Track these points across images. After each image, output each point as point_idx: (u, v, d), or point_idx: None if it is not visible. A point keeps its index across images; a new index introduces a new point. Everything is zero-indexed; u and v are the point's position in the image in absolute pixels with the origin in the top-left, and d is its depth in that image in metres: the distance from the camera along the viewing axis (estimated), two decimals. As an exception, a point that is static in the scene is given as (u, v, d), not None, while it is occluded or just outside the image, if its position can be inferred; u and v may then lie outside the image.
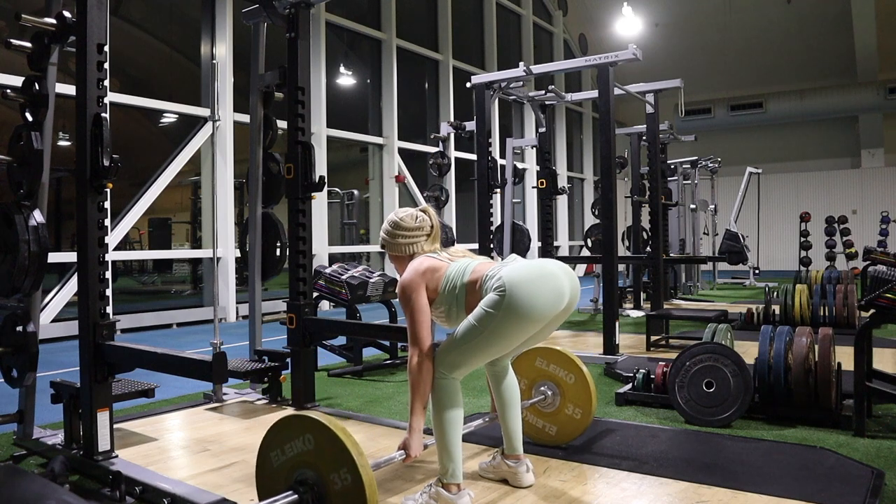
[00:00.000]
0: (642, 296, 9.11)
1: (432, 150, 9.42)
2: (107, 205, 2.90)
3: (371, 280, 5.53)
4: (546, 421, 3.12)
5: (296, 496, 1.97)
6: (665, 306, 7.57)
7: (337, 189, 11.58)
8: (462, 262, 2.49)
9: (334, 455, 1.93)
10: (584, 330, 7.25)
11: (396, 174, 12.06)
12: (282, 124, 4.07)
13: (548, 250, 6.93)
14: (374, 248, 12.16)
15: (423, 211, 2.62)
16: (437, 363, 2.37)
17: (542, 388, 3.10)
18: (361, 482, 1.87)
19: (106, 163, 2.77)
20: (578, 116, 19.75)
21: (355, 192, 11.72)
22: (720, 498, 2.51)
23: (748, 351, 4.37)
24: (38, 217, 2.90)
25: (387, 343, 5.53)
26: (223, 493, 2.55)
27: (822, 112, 17.66)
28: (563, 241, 17.73)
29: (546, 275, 2.32)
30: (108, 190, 2.84)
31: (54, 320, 7.25)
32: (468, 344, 2.31)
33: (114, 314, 5.26)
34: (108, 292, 3.01)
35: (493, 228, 6.35)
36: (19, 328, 3.00)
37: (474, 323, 2.30)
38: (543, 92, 6.98)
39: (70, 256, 7.21)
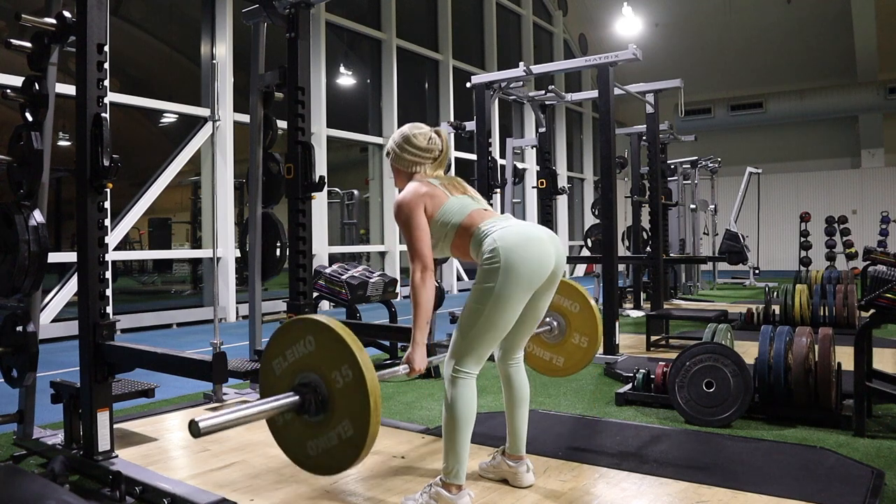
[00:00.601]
0: (642, 296, 9.10)
1: (432, 150, 9.41)
2: (107, 205, 2.90)
3: (371, 280, 5.53)
4: (553, 353, 3.10)
5: (297, 397, 1.97)
6: (665, 306, 7.57)
7: (337, 189, 11.57)
8: (461, 200, 2.47)
9: (335, 353, 1.93)
10: (584, 330, 7.23)
11: (396, 174, 12.04)
12: (282, 124, 4.07)
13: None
14: (375, 248, 12.16)
15: (437, 133, 2.58)
16: (450, 359, 2.36)
17: (548, 319, 3.09)
18: (363, 375, 1.87)
19: (106, 163, 2.77)
20: (578, 116, 19.75)
21: (355, 192, 11.72)
22: (720, 498, 2.51)
23: (748, 351, 4.37)
24: (38, 217, 2.90)
25: (387, 343, 5.53)
26: (223, 493, 2.55)
27: (822, 112, 17.65)
28: (563, 241, 17.71)
29: (533, 238, 2.34)
30: (108, 190, 2.84)
31: (54, 320, 7.25)
32: (475, 327, 2.31)
33: (114, 314, 5.26)
34: (108, 292, 3.01)
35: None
36: (19, 328, 3.00)
37: (474, 304, 2.31)
38: (543, 92, 6.98)
39: (70, 256, 7.20)
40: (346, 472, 2.80)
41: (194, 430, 1.77)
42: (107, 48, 2.86)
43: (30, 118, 3.01)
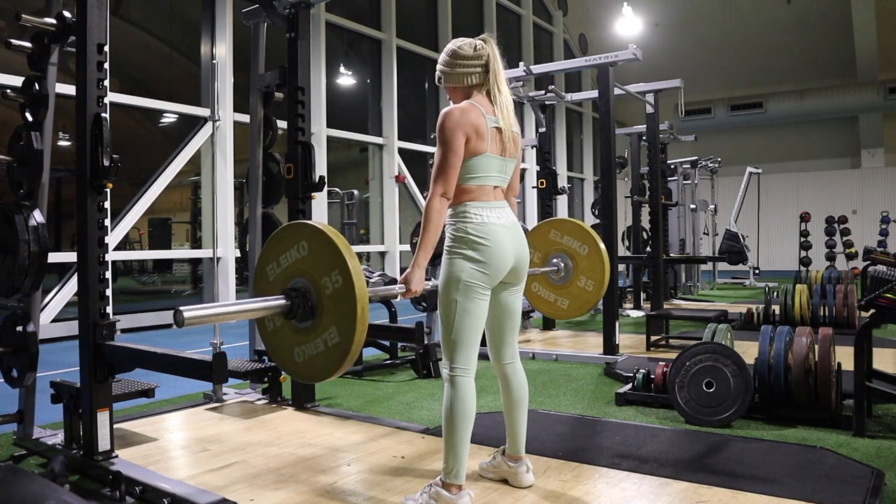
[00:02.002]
0: (642, 296, 9.11)
1: (432, 149, 9.42)
2: (107, 205, 2.90)
3: (371, 280, 5.53)
4: (558, 294, 3.09)
5: (286, 299, 1.97)
6: (665, 306, 7.57)
7: (337, 189, 11.58)
8: (491, 163, 2.40)
9: (326, 258, 1.93)
10: (584, 330, 7.25)
11: (396, 174, 12.06)
12: (282, 124, 4.07)
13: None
14: (375, 248, 12.16)
15: (483, 40, 2.49)
16: (445, 360, 2.39)
17: (555, 260, 3.07)
18: (352, 281, 1.87)
19: (106, 163, 2.78)
20: (578, 116, 19.74)
21: (355, 192, 11.72)
22: (720, 498, 2.51)
23: (748, 351, 4.37)
24: (38, 217, 2.90)
25: (387, 343, 5.53)
26: (223, 493, 2.55)
27: (822, 112, 17.65)
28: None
29: (497, 235, 2.36)
30: (108, 190, 2.84)
31: (54, 320, 7.25)
32: (454, 319, 2.34)
33: (114, 314, 5.25)
34: (108, 292, 3.01)
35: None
36: (19, 328, 3.00)
37: (444, 297, 2.36)
38: (543, 92, 6.98)
39: (70, 256, 7.20)
40: (345, 472, 2.81)
41: (178, 318, 1.78)
42: (107, 48, 2.86)
43: (30, 118, 3.01)
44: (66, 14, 2.94)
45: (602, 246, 2.96)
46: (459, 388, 2.35)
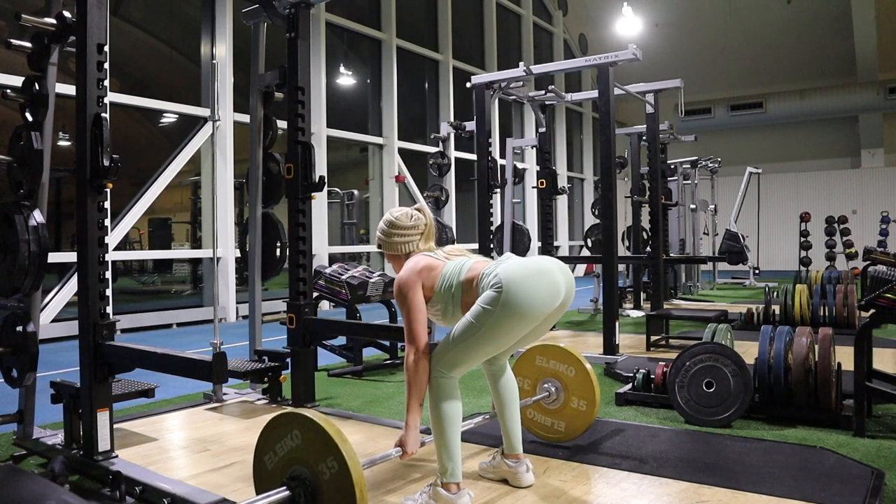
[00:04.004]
0: (642, 296, 9.11)
1: (432, 150, 9.41)
2: (107, 205, 2.90)
3: (371, 280, 5.53)
4: (554, 418, 3.12)
5: (287, 492, 2.00)
6: (665, 306, 7.56)
7: (337, 189, 11.58)
8: (458, 260, 2.50)
9: (319, 445, 1.97)
10: (584, 330, 7.25)
11: (396, 174, 12.06)
12: (282, 124, 4.07)
13: (548, 250, 6.93)
14: (374, 248, 12.13)
15: (418, 210, 2.64)
16: (434, 361, 2.38)
17: (546, 385, 3.11)
18: (347, 467, 1.90)
19: (106, 163, 2.77)
20: (578, 116, 19.74)
21: (355, 192, 11.72)
22: (720, 498, 2.51)
23: (748, 351, 4.37)
24: (38, 217, 2.90)
25: (387, 343, 5.53)
26: (223, 493, 2.55)
27: (822, 112, 17.65)
28: (563, 241, 17.73)
29: (542, 271, 2.34)
30: (108, 190, 2.84)
31: (54, 320, 7.25)
32: (466, 342, 2.32)
33: (114, 314, 5.26)
34: (108, 292, 3.01)
35: (493, 228, 6.35)
36: (19, 328, 3.00)
37: (472, 320, 2.31)
38: (543, 92, 6.98)
39: (70, 256, 7.20)
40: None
41: None
42: (107, 48, 2.86)
43: (30, 118, 3.01)
44: (66, 14, 2.94)
45: (588, 366, 3.02)
46: (443, 389, 2.37)
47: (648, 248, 8.55)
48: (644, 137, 8.44)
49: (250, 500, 1.99)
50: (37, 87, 3.03)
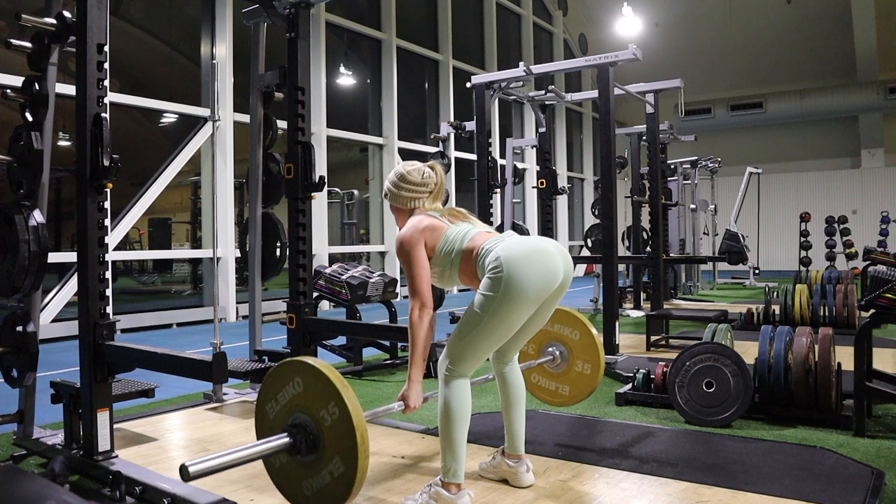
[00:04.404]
0: (642, 296, 9.11)
1: (432, 150, 9.42)
2: (107, 205, 2.90)
3: (371, 280, 5.53)
4: (558, 382, 3.12)
5: (288, 437, 2.00)
6: (665, 306, 7.56)
7: (337, 189, 11.58)
8: (462, 226, 2.50)
9: (321, 392, 1.97)
10: (584, 330, 7.23)
11: (396, 174, 12.04)
12: (282, 124, 4.07)
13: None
14: (375, 247, 12.16)
15: (431, 167, 2.62)
16: (443, 359, 2.38)
17: (550, 349, 3.11)
18: (348, 412, 1.90)
19: (106, 163, 2.77)
20: (578, 116, 19.74)
21: (355, 192, 11.72)
22: (720, 498, 2.51)
23: (748, 351, 4.37)
24: (38, 217, 2.90)
25: (387, 343, 5.53)
26: (223, 493, 2.55)
27: (822, 112, 17.65)
28: (563, 241, 17.72)
29: (539, 251, 2.34)
30: (108, 190, 2.84)
31: (54, 320, 7.25)
32: (472, 332, 2.32)
33: (114, 314, 5.26)
34: (108, 292, 3.01)
35: (493, 228, 6.34)
36: (19, 328, 3.00)
37: (475, 310, 2.32)
38: (543, 92, 6.98)
39: (70, 256, 7.20)
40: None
41: (184, 474, 1.79)
42: (107, 48, 2.86)
43: (30, 118, 3.01)
44: (66, 14, 2.94)
45: (593, 329, 3.01)
46: (455, 388, 2.35)
47: (648, 248, 8.55)
48: (644, 137, 8.44)
49: (249, 443, 1.99)
50: (37, 87, 3.03)
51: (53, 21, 2.96)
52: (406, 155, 12.44)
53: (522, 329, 2.52)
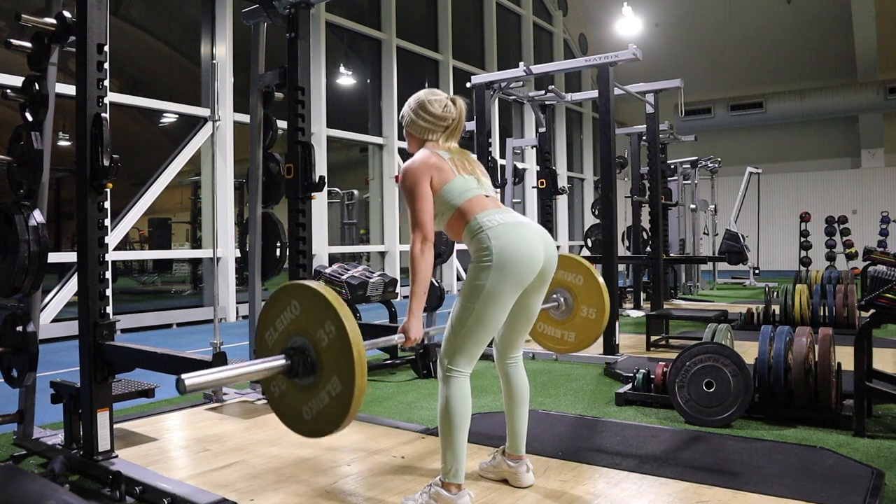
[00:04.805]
0: (642, 296, 9.11)
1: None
2: (107, 205, 2.91)
3: (371, 280, 5.53)
4: (564, 329, 3.10)
5: (285, 358, 1.99)
6: (665, 306, 7.57)
7: (337, 189, 11.58)
8: (466, 181, 2.46)
9: (318, 312, 1.96)
10: (584, 330, 7.23)
11: (396, 174, 12.04)
12: (282, 124, 4.07)
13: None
14: (374, 248, 12.16)
15: (453, 101, 2.56)
16: (441, 358, 2.38)
17: (554, 296, 3.09)
18: (344, 327, 1.89)
19: (106, 163, 2.78)
20: (578, 116, 19.74)
21: (355, 192, 11.72)
22: (720, 498, 2.51)
23: (748, 351, 4.37)
24: (38, 217, 2.90)
25: (387, 343, 5.52)
26: (223, 493, 2.55)
27: (822, 112, 17.66)
28: (563, 241, 17.73)
29: (524, 238, 2.35)
30: (108, 190, 2.84)
31: (54, 320, 7.25)
32: (465, 324, 2.32)
33: (114, 314, 5.26)
34: (108, 292, 3.01)
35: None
36: (19, 328, 3.00)
37: (464, 302, 2.33)
38: (543, 92, 6.98)
39: (70, 256, 7.20)
40: (345, 472, 2.81)
41: (181, 386, 1.78)
42: (107, 48, 2.86)
43: (30, 118, 3.01)
44: (66, 14, 2.94)
45: (596, 273, 2.99)
46: (455, 388, 2.35)
47: (648, 248, 8.55)
48: (644, 137, 8.45)
49: (246, 362, 1.98)
50: (37, 87, 3.03)
51: (53, 21, 2.96)
52: (406, 155, 12.42)
53: (514, 323, 2.52)
